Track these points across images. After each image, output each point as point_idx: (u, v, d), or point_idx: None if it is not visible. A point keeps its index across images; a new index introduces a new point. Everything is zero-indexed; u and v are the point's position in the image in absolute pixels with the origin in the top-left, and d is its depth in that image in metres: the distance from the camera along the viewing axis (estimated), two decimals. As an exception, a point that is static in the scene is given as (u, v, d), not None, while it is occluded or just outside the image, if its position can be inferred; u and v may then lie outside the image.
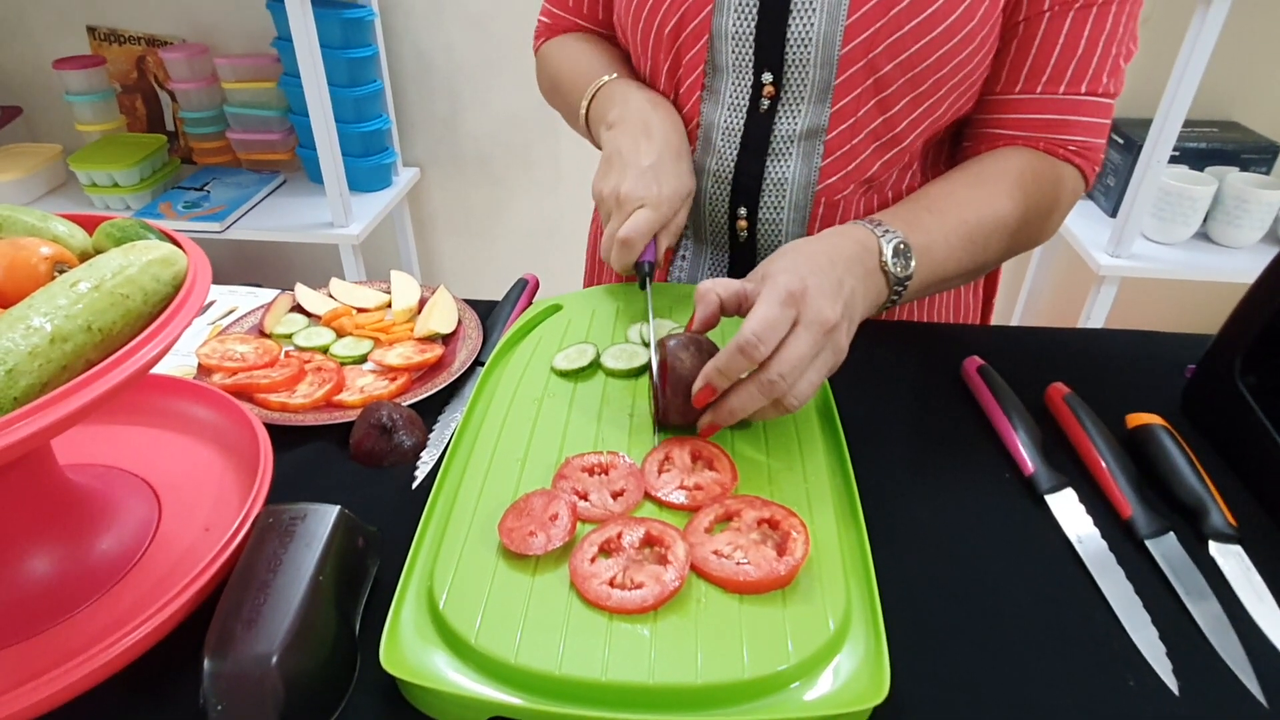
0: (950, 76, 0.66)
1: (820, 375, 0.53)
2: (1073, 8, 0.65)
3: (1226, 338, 0.61)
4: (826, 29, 0.66)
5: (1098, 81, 0.67)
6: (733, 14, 0.69)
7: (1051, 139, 0.70)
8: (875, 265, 0.60)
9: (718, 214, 0.78)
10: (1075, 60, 0.66)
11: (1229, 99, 1.65)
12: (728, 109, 0.73)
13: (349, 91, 1.64)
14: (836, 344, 0.54)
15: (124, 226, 0.49)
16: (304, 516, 0.45)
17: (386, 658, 0.42)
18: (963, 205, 0.67)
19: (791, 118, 0.71)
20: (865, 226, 0.62)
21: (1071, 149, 0.70)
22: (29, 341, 0.38)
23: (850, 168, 0.72)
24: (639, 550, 0.48)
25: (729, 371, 0.52)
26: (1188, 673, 0.44)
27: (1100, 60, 0.67)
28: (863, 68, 0.66)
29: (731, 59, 0.71)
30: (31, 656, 0.43)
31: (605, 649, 0.42)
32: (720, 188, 0.76)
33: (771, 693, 0.41)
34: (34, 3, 1.78)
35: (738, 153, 0.74)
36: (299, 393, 0.64)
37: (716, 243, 0.80)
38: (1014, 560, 0.51)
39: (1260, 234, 1.50)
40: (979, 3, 0.63)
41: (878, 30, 0.64)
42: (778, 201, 0.74)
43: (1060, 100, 0.68)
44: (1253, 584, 0.50)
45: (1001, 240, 0.68)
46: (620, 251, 0.66)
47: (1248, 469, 0.58)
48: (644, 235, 0.65)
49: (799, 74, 0.69)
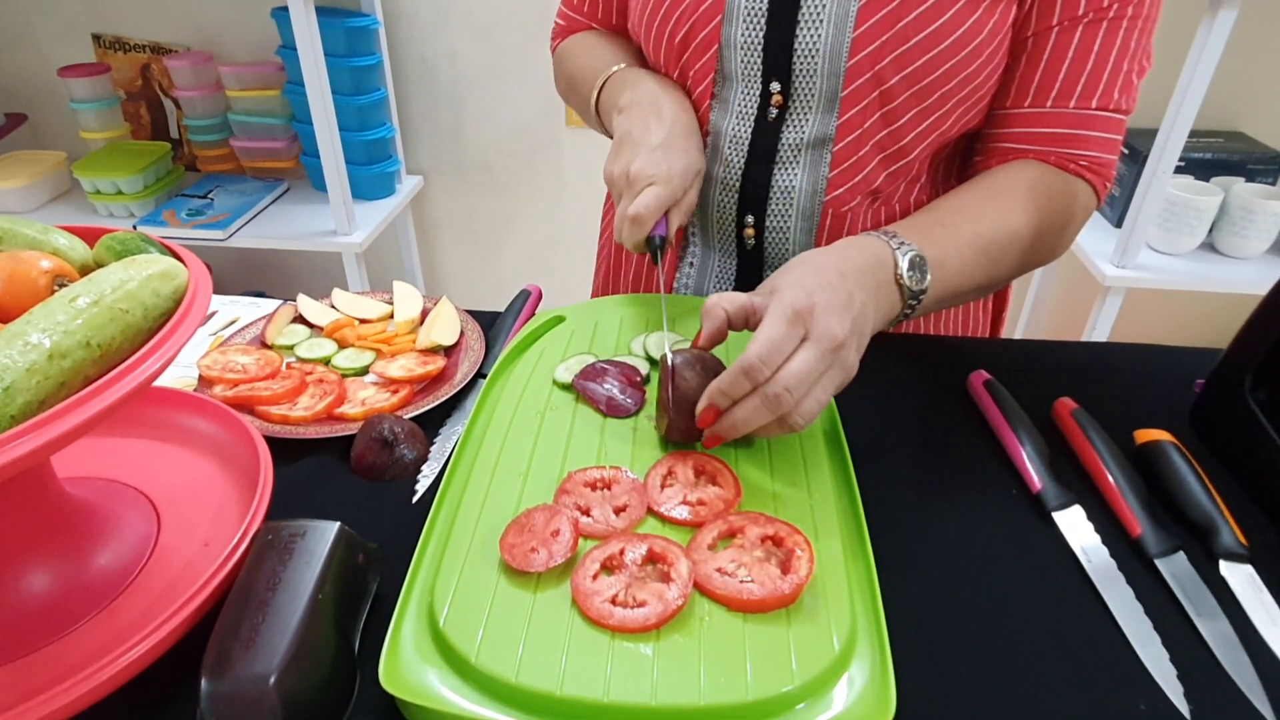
0: (957, 90, 0.66)
1: (827, 393, 0.53)
2: (1081, 23, 0.64)
3: (1236, 353, 0.60)
4: (833, 40, 0.66)
5: (1108, 97, 0.67)
6: (741, 24, 0.69)
7: (1063, 154, 0.69)
8: (889, 278, 0.59)
9: (725, 222, 0.78)
10: (1085, 75, 0.66)
11: (1235, 110, 1.65)
12: (736, 117, 0.73)
13: (353, 100, 1.64)
14: (844, 361, 0.53)
15: (125, 239, 0.49)
16: (304, 534, 0.45)
17: (386, 677, 0.41)
18: (976, 219, 0.66)
19: (799, 127, 0.71)
20: (880, 238, 0.61)
21: (1083, 164, 0.69)
22: (27, 358, 0.37)
23: (857, 179, 0.71)
24: (641, 567, 0.47)
25: (732, 393, 0.52)
26: (1199, 695, 0.43)
27: (1111, 75, 0.66)
28: (869, 80, 0.66)
29: (740, 68, 0.71)
30: (29, 674, 0.43)
31: (607, 668, 0.41)
32: (728, 196, 0.76)
33: (777, 714, 0.40)
34: (40, 11, 1.78)
35: (745, 161, 0.74)
36: (300, 405, 0.63)
37: (724, 250, 0.80)
38: (1021, 579, 0.51)
39: (1266, 245, 1.50)
40: (986, 18, 0.63)
41: (884, 43, 0.64)
42: (785, 210, 0.74)
43: (1071, 115, 0.68)
44: (1264, 604, 0.49)
45: (1015, 255, 0.68)
46: (631, 229, 0.65)
47: (1258, 487, 0.57)
48: (654, 211, 0.65)
49: (806, 84, 0.69)
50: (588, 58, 0.83)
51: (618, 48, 0.83)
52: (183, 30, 1.78)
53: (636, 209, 0.65)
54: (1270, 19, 1.55)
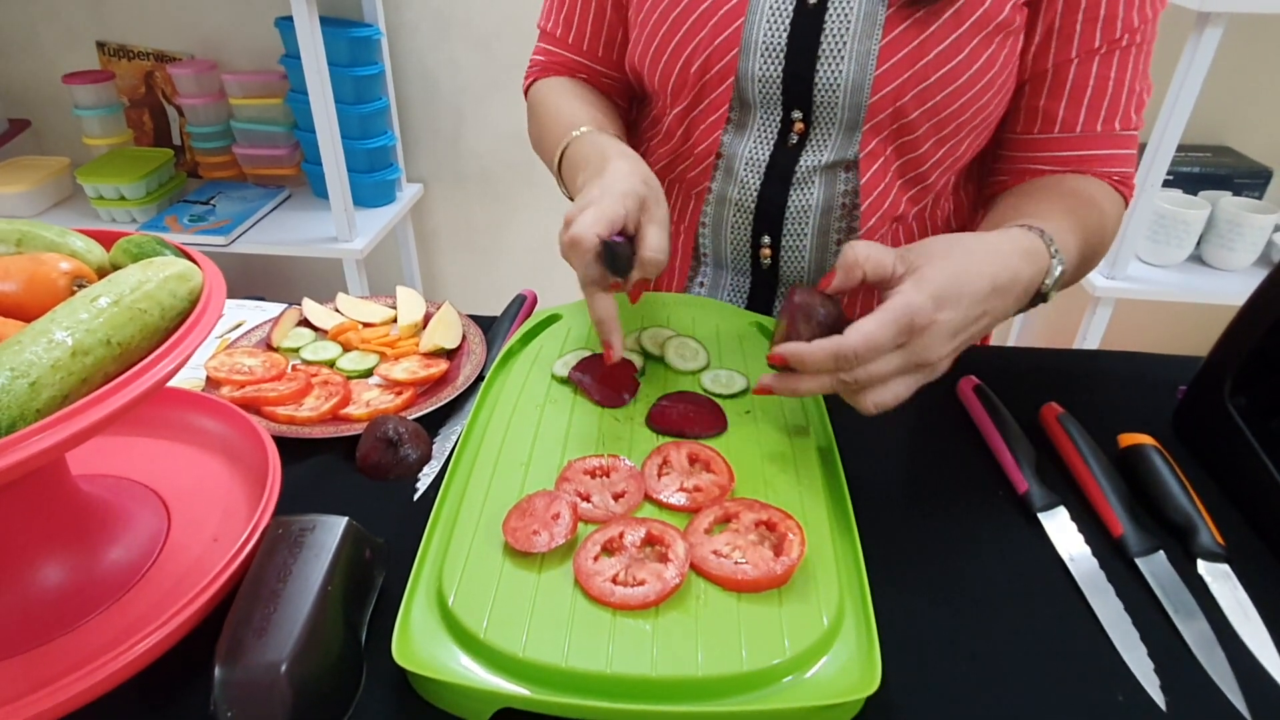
0: (972, 119, 0.68)
1: (908, 389, 0.53)
2: (1098, 55, 0.67)
3: (1216, 360, 0.62)
4: (855, 77, 0.67)
5: (1128, 119, 0.70)
6: (759, 59, 0.69)
7: (1098, 171, 0.72)
8: (1035, 288, 0.59)
9: (740, 242, 0.78)
10: (1106, 101, 0.69)
11: (1222, 125, 1.67)
12: (754, 141, 0.74)
13: (355, 108, 1.66)
14: (934, 371, 0.54)
15: (141, 243, 0.51)
16: (313, 528, 0.46)
17: (398, 652, 0.43)
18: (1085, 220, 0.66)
19: (818, 151, 0.72)
20: (1042, 241, 0.59)
21: (1116, 179, 0.72)
22: (51, 355, 0.39)
23: (884, 207, 0.73)
24: (640, 549, 0.49)
25: (812, 365, 0.53)
26: (1175, 689, 0.45)
27: (1128, 99, 0.69)
28: (890, 114, 0.68)
29: (759, 98, 0.71)
30: (43, 664, 0.44)
31: (609, 643, 0.43)
32: (743, 216, 0.77)
33: (768, 684, 0.43)
34: (45, 18, 1.80)
35: (761, 182, 0.74)
36: (306, 406, 0.65)
37: (738, 269, 0.81)
38: (1006, 576, 0.53)
39: (1253, 257, 1.52)
40: (998, 52, 0.66)
41: (906, 80, 0.66)
42: (801, 229, 0.75)
43: (1098, 137, 0.70)
44: (1240, 602, 0.51)
45: (1098, 250, 0.69)
46: (571, 251, 0.59)
47: (1237, 489, 0.59)
48: (589, 226, 0.58)
49: (827, 114, 0.70)
50: (553, 118, 0.78)
51: (586, 101, 0.79)
52: (186, 38, 1.80)
53: (572, 233, 0.58)
54: (1256, 36, 1.57)
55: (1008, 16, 0.64)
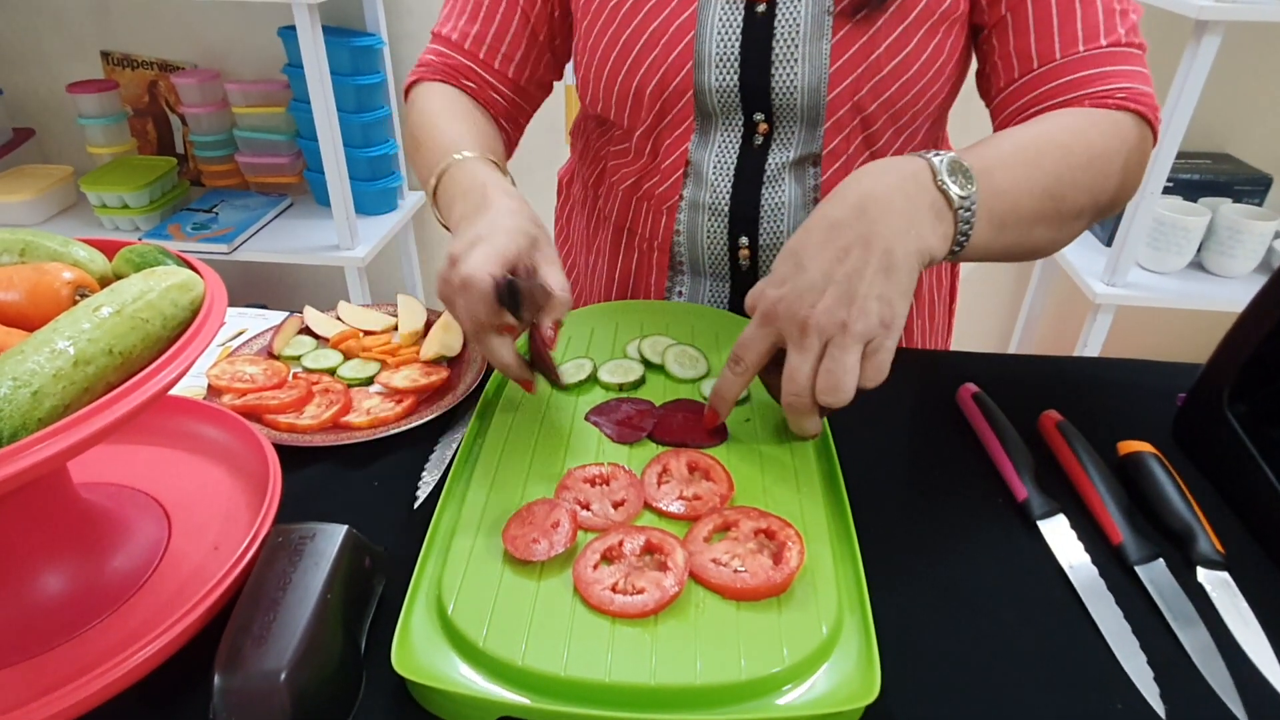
0: (926, 107, 0.70)
1: (853, 361, 0.51)
2: None
3: (1215, 367, 0.62)
4: (810, 78, 0.68)
5: (1113, 33, 0.65)
6: (714, 70, 0.70)
7: (1095, 93, 0.65)
8: (928, 185, 0.54)
9: (717, 246, 0.79)
10: (1080, 19, 0.65)
11: (1222, 132, 1.68)
12: (720, 146, 0.75)
13: (357, 117, 1.67)
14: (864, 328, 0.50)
15: (143, 252, 0.51)
16: (313, 536, 0.47)
17: (398, 660, 0.43)
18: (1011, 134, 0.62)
19: (784, 149, 0.74)
20: (910, 156, 0.56)
21: (1120, 97, 0.64)
22: (53, 364, 0.39)
23: None
24: (640, 557, 0.49)
25: (724, 392, 0.55)
26: (1175, 697, 0.45)
27: (1105, 13, 0.65)
28: (849, 109, 0.70)
29: (719, 107, 0.73)
30: (44, 672, 0.44)
31: (609, 651, 0.43)
32: (718, 220, 0.77)
33: (767, 693, 0.42)
34: (49, 28, 1.81)
35: (732, 184, 0.75)
36: (307, 414, 0.65)
37: (716, 274, 0.81)
38: (1005, 584, 0.53)
39: (1253, 264, 1.52)
40: (945, 40, 0.67)
41: (860, 75, 0.67)
42: (777, 227, 0.76)
43: (1086, 57, 0.65)
44: (1239, 610, 0.50)
45: (1076, 172, 0.60)
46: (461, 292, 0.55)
47: (1236, 497, 0.59)
48: (481, 265, 0.54)
49: (788, 114, 0.72)
50: (432, 131, 0.73)
51: (471, 122, 0.75)
52: (190, 48, 1.81)
53: (463, 273, 0.54)
54: (1255, 44, 1.58)
55: (951, 5, 0.66)
